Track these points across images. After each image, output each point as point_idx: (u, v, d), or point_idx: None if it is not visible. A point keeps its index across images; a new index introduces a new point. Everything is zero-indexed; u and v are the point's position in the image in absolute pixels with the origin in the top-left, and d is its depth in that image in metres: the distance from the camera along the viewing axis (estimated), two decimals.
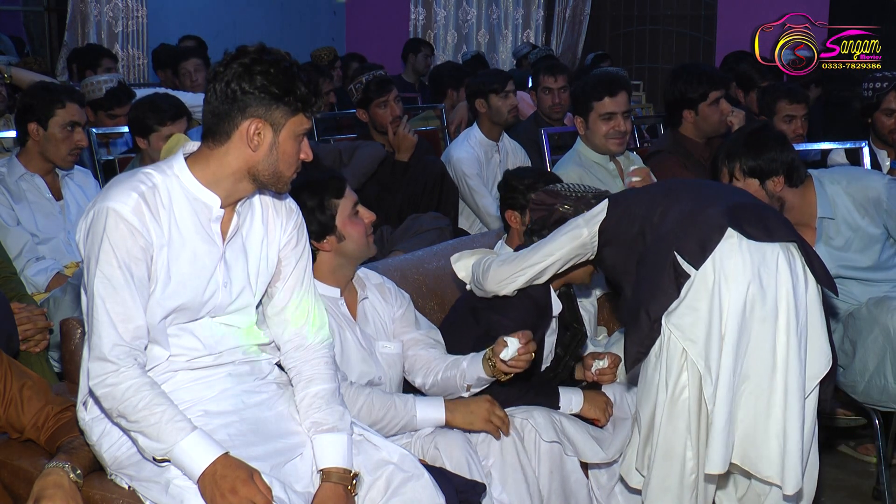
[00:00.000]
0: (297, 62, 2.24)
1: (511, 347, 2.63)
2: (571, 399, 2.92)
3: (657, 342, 2.58)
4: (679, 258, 2.54)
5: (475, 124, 5.15)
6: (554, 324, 3.03)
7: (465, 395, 2.77)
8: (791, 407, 2.51)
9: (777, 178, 3.21)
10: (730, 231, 2.54)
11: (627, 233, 2.71)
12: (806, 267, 2.59)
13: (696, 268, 2.52)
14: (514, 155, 5.16)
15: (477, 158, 4.99)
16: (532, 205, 3.06)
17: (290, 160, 2.24)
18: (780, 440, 2.52)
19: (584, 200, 2.96)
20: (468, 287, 3.02)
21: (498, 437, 2.72)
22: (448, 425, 2.71)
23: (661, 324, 2.55)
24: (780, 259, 2.54)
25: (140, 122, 4.11)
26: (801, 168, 3.27)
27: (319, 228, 2.72)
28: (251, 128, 2.17)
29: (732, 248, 2.53)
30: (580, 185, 3.10)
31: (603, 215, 2.77)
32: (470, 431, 2.72)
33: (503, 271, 2.87)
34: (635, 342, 2.60)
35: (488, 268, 2.90)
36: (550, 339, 3.03)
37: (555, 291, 3.01)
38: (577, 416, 2.91)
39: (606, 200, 2.82)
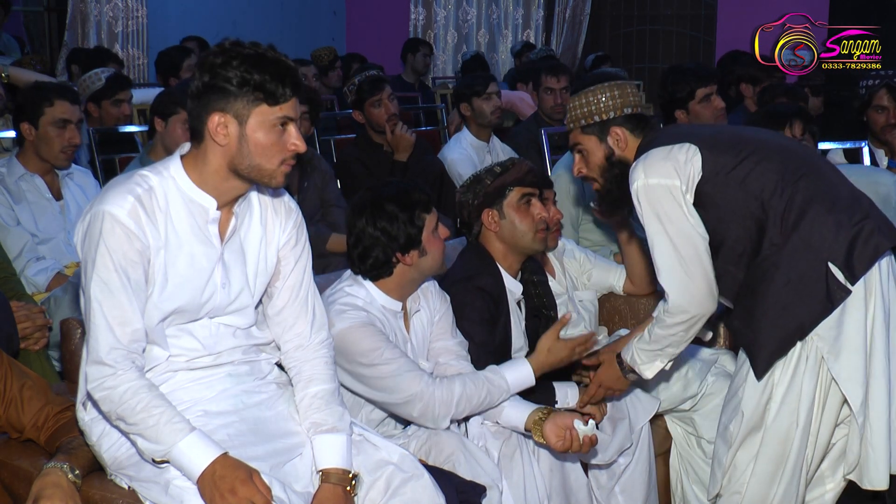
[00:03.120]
0: (268, 51, 2.16)
1: (591, 425, 2.60)
2: (567, 392, 2.92)
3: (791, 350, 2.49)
4: (835, 271, 2.44)
5: (465, 127, 5.24)
6: (519, 309, 3.01)
7: (490, 424, 2.76)
8: None
9: None
10: None
11: (735, 205, 2.51)
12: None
13: (853, 283, 2.44)
14: (504, 155, 5.23)
15: (470, 159, 5.04)
16: (457, 205, 3.07)
17: (266, 151, 2.17)
18: None
19: (478, 181, 2.99)
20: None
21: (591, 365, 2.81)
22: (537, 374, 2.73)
23: (807, 334, 2.46)
24: (892, 262, 2.52)
25: (163, 102, 4.10)
26: None
27: (407, 241, 2.68)
28: (216, 122, 2.16)
29: (878, 265, 2.48)
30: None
31: (698, 172, 2.52)
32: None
33: (688, 293, 2.56)
34: (774, 349, 2.48)
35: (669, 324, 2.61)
36: (518, 328, 3.01)
37: (514, 276, 3.01)
38: (572, 410, 2.91)
39: (692, 147, 2.54)
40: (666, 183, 2.51)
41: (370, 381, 2.62)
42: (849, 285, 2.43)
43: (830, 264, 2.43)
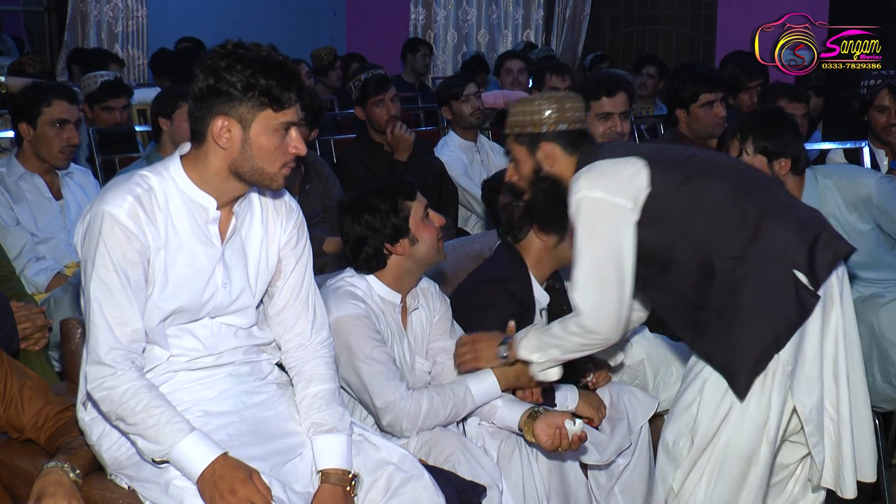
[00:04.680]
0: (272, 54, 2.16)
1: (579, 424, 2.59)
2: (567, 396, 2.92)
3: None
4: (801, 278, 2.38)
5: (450, 130, 5.30)
6: (542, 318, 3.01)
7: (487, 424, 2.76)
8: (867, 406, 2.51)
9: (784, 161, 3.21)
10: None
11: (685, 220, 2.45)
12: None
13: (817, 290, 2.39)
14: (492, 152, 5.28)
15: (459, 160, 5.08)
16: (500, 208, 3.03)
17: (269, 155, 2.18)
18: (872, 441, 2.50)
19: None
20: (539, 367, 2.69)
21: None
22: (503, 386, 2.72)
23: (784, 343, 2.39)
24: (844, 272, 2.49)
25: (162, 102, 4.10)
26: (806, 158, 3.30)
27: (394, 231, 2.69)
28: (219, 126, 2.16)
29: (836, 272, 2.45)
30: None
31: (645, 187, 2.45)
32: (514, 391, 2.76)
33: (602, 307, 2.48)
34: (755, 363, 2.39)
35: (574, 323, 2.53)
36: None
37: (541, 284, 3.01)
38: (572, 413, 2.90)
39: (639, 161, 2.48)
40: (609, 199, 2.43)
41: (351, 370, 2.64)
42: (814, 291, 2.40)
43: (796, 271, 2.39)
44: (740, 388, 2.40)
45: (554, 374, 2.67)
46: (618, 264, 2.45)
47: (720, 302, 2.41)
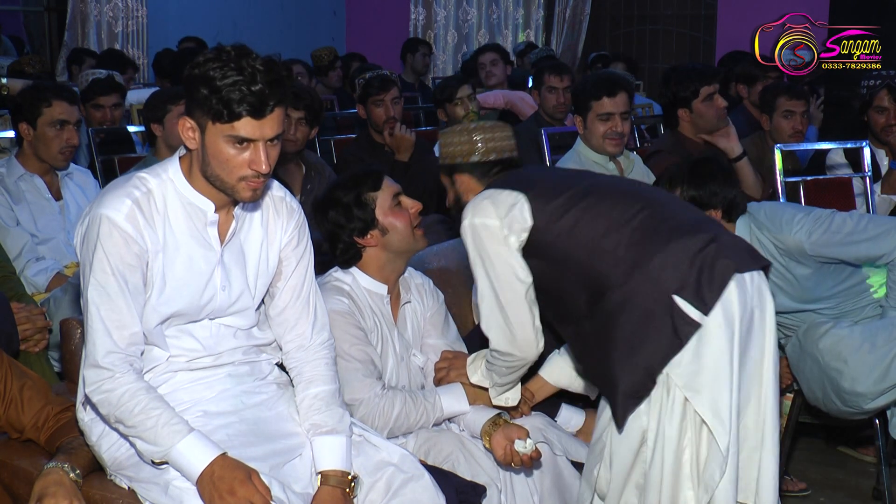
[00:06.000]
0: (249, 63, 2.06)
1: (529, 444, 2.55)
2: (572, 418, 2.91)
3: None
4: (682, 303, 2.28)
5: None
6: None
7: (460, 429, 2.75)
8: (773, 425, 2.40)
9: (715, 212, 3.13)
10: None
11: (564, 254, 2.42)
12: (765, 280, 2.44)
13: (706, 314, 2.28)
14: None
15: None
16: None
17: (224, 165, 2.12)
18: (775, 460, 2.40)
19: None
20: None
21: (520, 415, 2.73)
22: (471, 402, 2.72)
23: (657, 374, 2.30)
24: (759, 282, 2.38)
25: (152, 107, 4.10)
26: (740, 205, 3.20)
27: (360, 224, 2.70)
28: (184, 126, 2.15)
29: (732, 288, 2.32)
30: None
31: (528, 219, 2.44)
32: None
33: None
34: (628, 394, 2.31)
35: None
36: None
37: None
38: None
39: (520, 195, 2.46)
40: (487, 223, 2.45)
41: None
42: (698, 317, 2.27)
43: (676, 297, 2.28)
44: (616, 417, 2.34)
45: (512, 398, 2.68)
46: (511, 284, 2.45)
47: (600, 330, 2.38)
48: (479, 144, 2.66)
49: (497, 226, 2.44)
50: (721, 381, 2.28)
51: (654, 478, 2.33)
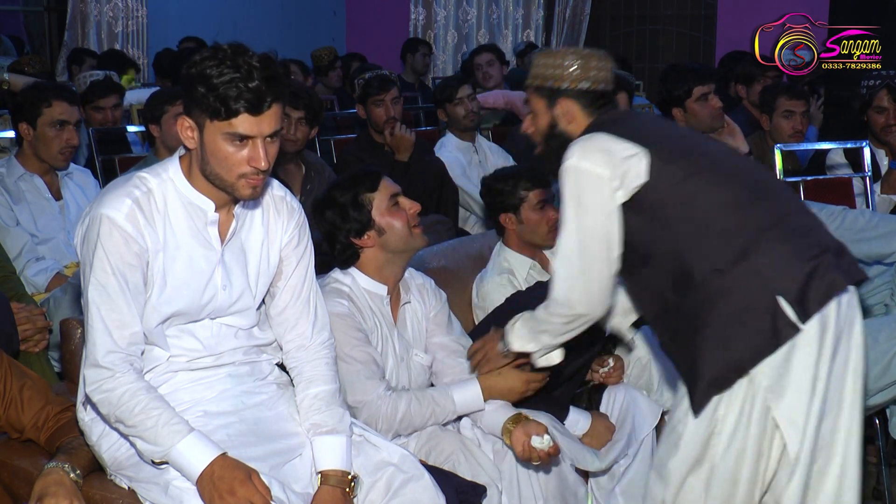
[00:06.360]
0: (245, 61, 2.07)
1: (546, 440, 2.55)
2: (579, 421, 2.92)
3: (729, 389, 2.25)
4: (785, 305, 2.21)
5: (447, 131, 5.31)
6: None
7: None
8: (855, 443, 2.31)
9: None
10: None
11: (674, 219, 2.32)
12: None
13: (804, 321, 2.21)
14: (491, 153, 5.28)
15: (458, 161, 5.08)
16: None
17: (223, 163, 2.13)
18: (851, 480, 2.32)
19: None
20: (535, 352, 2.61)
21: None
22: (486, 397, 2.70)
23: (747, 370, 2.23)
24: (853, 299, 2.30)
25: (149, 108, 4.10)
26: None
27: (356, 225, 2.69)
28: (183, 125, 2.15)
29: (833, 304, 2.25)
30: None
31: (643, 175, 2.32)
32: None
33: (578, 284, 2.39)
34: (712, 383, 2.25)
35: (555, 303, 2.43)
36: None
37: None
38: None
39: (639, 150, 2.34)
40: (597, 171, 2.32)
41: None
42: (799, 323, 2.21)
43: (780, 298, 2.22)
44: (694, 403, 2.29)
45: (556, 357, 2.59)
46: (603, 239, 2.35)
47: (693, 310, 2.30)
48: (592, 72, 2.50)
49: (607, 176, 2.32)
50: (803, 391, 2.23)
51: (721, 470, 2.29)
